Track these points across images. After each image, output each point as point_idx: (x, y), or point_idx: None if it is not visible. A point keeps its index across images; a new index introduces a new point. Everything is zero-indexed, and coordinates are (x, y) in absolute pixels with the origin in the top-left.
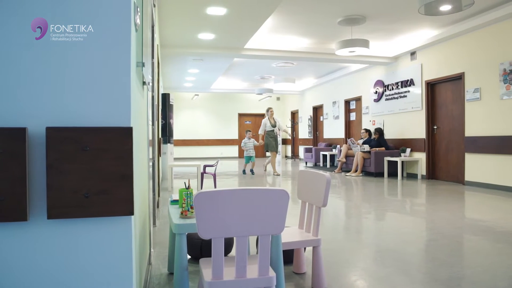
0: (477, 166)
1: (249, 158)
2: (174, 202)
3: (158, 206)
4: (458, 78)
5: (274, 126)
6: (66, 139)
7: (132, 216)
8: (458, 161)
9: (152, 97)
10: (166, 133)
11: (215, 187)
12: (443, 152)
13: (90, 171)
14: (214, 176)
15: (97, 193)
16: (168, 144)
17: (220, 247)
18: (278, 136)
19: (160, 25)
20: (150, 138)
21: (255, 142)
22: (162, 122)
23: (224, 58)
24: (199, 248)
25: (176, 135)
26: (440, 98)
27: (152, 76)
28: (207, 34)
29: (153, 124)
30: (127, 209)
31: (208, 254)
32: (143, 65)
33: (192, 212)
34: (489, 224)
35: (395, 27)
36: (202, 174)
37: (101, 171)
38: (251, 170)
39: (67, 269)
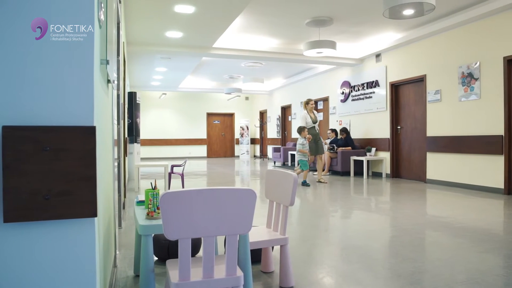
0: (437, 164)
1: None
2: (140, 203)
3: (124, 207)
4: (420, 80)
5: (315, 122)
6: (25, 138)
7: (96, 218)
8: (420, 160)
9: (118, 95)
10: (132, 132)
11: (183, 187)
12: (406, 151)
13: (51, 172)
14: (182, 176)
15: (58, 195)
16: (135, 143)
17: (187, 247)
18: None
19: (126, 22)
20: (115, 137)
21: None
22: (128, 121)
23: (192, 57)
24: (166, 249)
25: (143, 135)
26: (404, 99)
27: (118, 74)
28: (175, 32)
29: (118, 124)
30: (90, 211)
31: (176, 255)
32: (107, 62)
33: (158, 213)
34: (448, 220)
35: (361, 30)
36: (169, 174)
37: (63, 172)
38: (305, 181)
39: (27, 274)
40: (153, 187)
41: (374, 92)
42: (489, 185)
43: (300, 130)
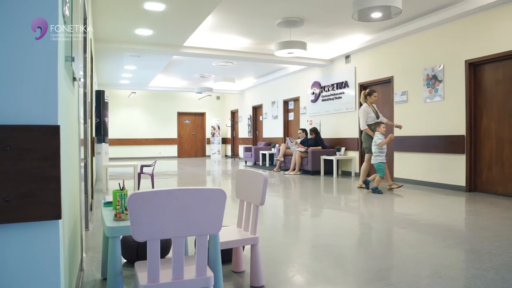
0: (404, 164)
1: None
2: (108, 204)
3: (91, 209)
4: (388, 82)
5: (378, 116)
6: None
7: (60, 220)
8: (388, 159)
9: (84, 94)
10: (100, 132)
11: (153, 187)
12: None
13: (11, 173)
14: (152, 176)
15: (20, 197)
16: (103, 143)
17: (155, 249)
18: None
19: (94, 19)
20: (82, 137)
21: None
22: (96, 120)
23: (162, 55)
24: (135, 251)
25: (112, 134)
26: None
27: (85, 72)
28: (145, 30)
29: (85, 123)
30: (54, 213)
31: (145, 257)
32: (72, 59)
33: (126, 214)
34: (414, 218)
35: (331, 31)
36: (139, 175)
37: (24, 172)
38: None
39: None
40: (121, 188)
41: (343, 93)
42: (452, 183)
43: (376, 124)
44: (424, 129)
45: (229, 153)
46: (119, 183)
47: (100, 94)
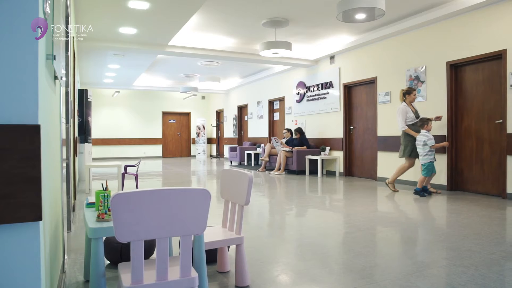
0: (388, 163)
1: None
2: (90, 205)
3: (73, 210)
4: (372, 82)
5: (418, 116)
6: None
7: (40, 222)
8: (372, 159)
9: (67, 93)
10: (83, 131)
11: (137, 188)
12: (358, 150)
13: None
14: (136, 176)
15: None
16: (86, 143)
17: (139, 250)
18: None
19: (76, 16)
20: (64, 137)
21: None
22: (78, 120)
23: (147, 54)
24: (118, 252)
25: (95, 134)
26: (356, 100)
27: (67, 71)
28: (129, 28)
29: (67, 122)
30: (34, 215)
31: (129, 258)
32: (54, 58)
33: (109, 215)
34: (397, 216)
35: (316, 32)
36: (123, 175)
37: (3, 173)
38: (426, 188)
39: None
40: (104, 188)
41: (328, 93)
42: (434, 182)
43: (424, 122)
44: None
45: (214, 153)
46: (102, 184)
47: (83, 93)
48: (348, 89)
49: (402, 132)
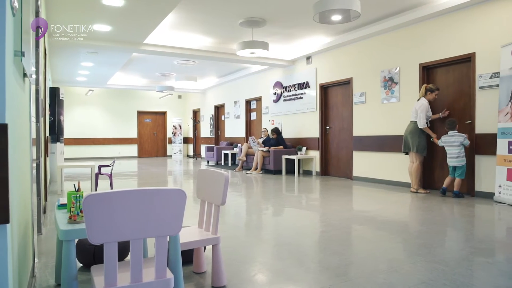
0: (362, 162)
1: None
2: (62, 206)
3: (44, 212)
4: (347, 83)
5: (429, 117)
6: None
7: (8, 225)
8: (347, 159)
9: (37, 91)
10: (55, 131)
11: (111, 188)
12: (334, 150)
13: None
14: (111, 177)
15: None
16: (58, 143)
17: (113, 252)
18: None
19: (47, 12)
20: (34, 136)
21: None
22: (50, 119)
23: (121, 52)
24: (91, 255)
25: (68, 134)
26: (332, 100)
27: (37, 68)
28: (103, 25)
29: (37, 121)
30: (1, 217)
31: (103, 261)
32: (22, 54)
33: (82, 217)
34: (372, 214)
35: (293, 32)
36: (97, 175)
37: None
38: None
39: None
40: (77, 189)
41: (304, 93)
42: (407, 181)
43: (455, 123)
44: (380, 129)
45: (191, 152)
46: (74, 185)
47: (54, 92)
48: (324, 89)
49: (413, 128)
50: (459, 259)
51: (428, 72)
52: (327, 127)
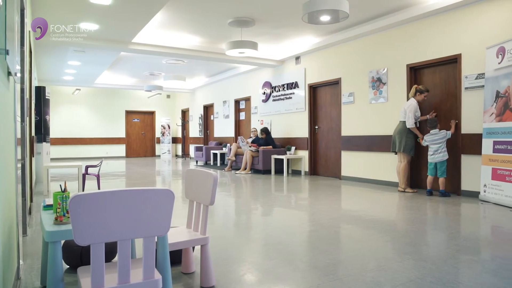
0: (351, 162)
1: None
2: (48, 207)
3: (30, 213)
4: (336, 83)
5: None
6: None
7: None
8: (336, 158)
9: (22, 90)
10: (41, 130)
11: (99, 189)
12: (323, 150)
13: None
14: (98, 177)
15: None
16: (44, 143)
17: (100, 253)
18: None
19: (33, 9)
20: (19, 136)
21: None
22: (36, 118)
23: (109, 51)
24: (78, 256)
25: (54, 133)
26: (321, 100)
27: (22, 66)
28: (90, 24)
29: (22, 121)
30: None
31: (89, 262)
32: (6, 52)
33: (68, 218)
34: (360, 214)
35: (282, 32)
36: (84, 176)
37: None
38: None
39: None
40: (63, 190)
41: (294, 93)
42: (395, 180)
43: (437, 122)
44: (368, 129)
45: (179, 152)
46: (60, 185)
47: (40, 91)
48: (313, 89)
49: (401, 128)
50: (445, 257)
51: (415, 72)
52: (316, 127)
